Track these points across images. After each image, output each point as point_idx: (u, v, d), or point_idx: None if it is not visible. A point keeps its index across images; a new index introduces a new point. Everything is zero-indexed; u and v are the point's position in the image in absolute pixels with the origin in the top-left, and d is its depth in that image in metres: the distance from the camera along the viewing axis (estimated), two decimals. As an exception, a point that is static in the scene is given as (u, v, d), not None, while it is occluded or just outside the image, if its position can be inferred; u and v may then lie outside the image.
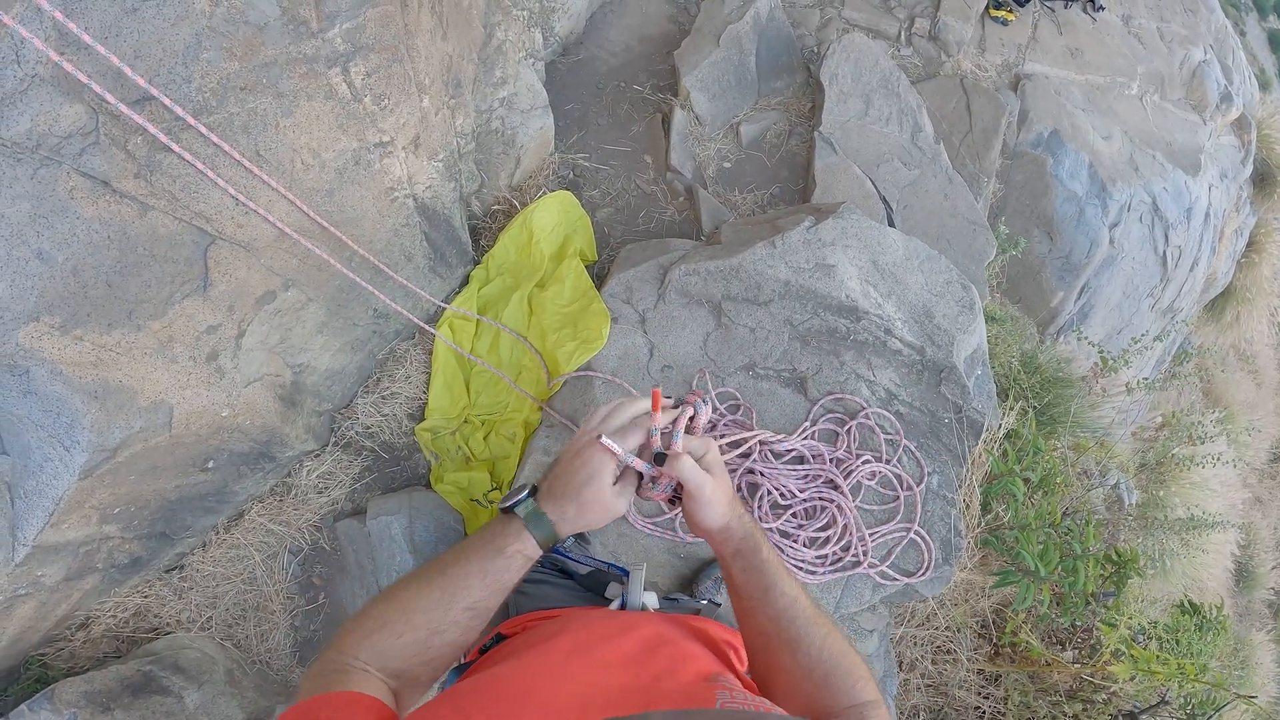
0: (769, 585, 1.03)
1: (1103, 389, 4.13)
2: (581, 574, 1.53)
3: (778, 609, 1.01)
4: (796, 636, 1.00)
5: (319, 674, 0.89)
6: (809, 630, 1.00)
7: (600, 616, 1.08)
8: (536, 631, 1.09)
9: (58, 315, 1.97)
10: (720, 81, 3.86)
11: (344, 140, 2.44)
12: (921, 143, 4.06)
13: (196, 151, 2.03)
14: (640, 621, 1.06)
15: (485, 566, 0.95)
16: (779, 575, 1.04)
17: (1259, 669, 4.47)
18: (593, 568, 1.54)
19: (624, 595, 1.29)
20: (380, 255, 2.80)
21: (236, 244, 2.31)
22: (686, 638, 1.05)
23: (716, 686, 0.85)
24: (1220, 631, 3.36)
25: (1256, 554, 5.97)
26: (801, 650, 0.99)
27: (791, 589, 1.03)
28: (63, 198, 1.88)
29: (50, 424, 2.09)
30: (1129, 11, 5.49)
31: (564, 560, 1.57)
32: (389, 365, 3.23)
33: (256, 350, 2.59)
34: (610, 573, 1.46)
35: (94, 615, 2.72)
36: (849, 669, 0.99)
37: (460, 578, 0.94)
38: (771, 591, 1.02)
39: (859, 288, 3.11)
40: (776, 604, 1.02)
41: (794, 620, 1.00)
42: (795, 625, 1.00)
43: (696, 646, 1.02)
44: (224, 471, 2.74)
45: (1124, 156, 4.82)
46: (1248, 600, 5.98)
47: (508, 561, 0.97)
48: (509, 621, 1.29)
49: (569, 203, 3.56)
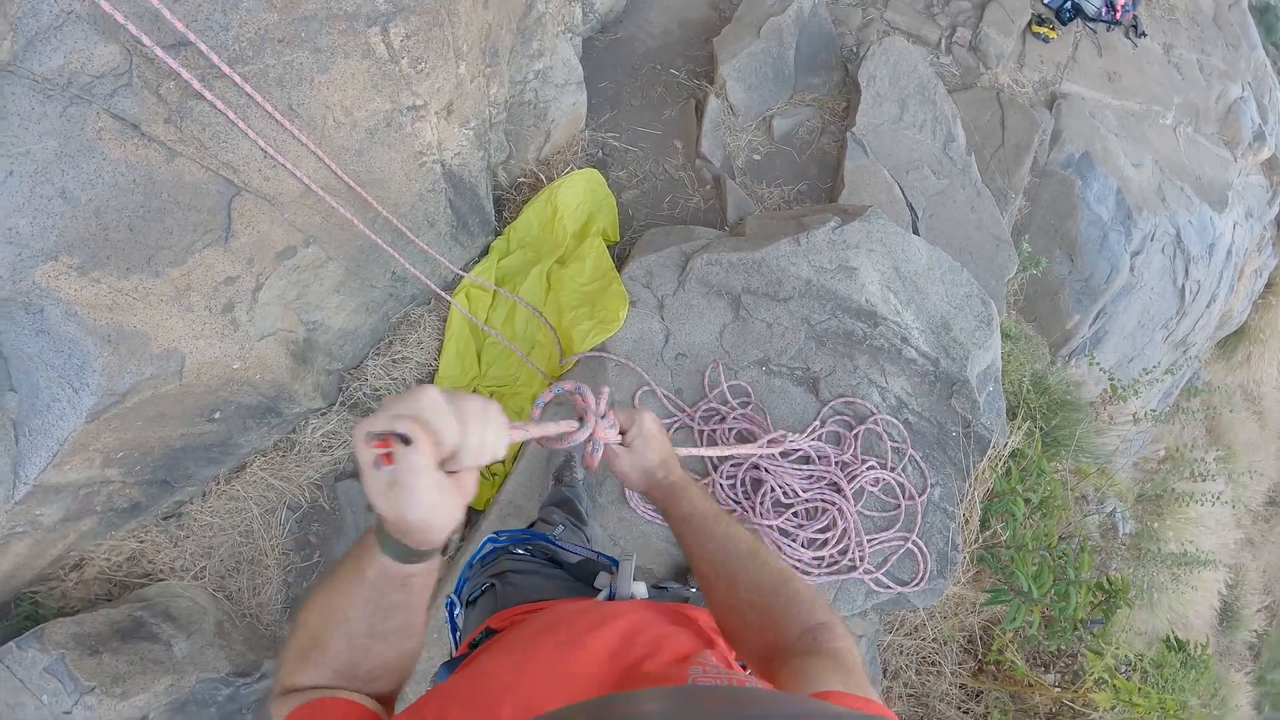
0: (698, 531, 1.09)
1: (1110, 416, 4.12)
2: (571, 563, 1.52)
3: (709, 549, 1.06)
4: (731, 571, 1.03)
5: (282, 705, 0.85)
6: (741, 563, 1.03)
7: (583, 609, 1.05)
8: (522, 627, 1.07)
9: (77, 256, 1.95)
10: (757, 73, 3.83)
11: (377, 101, 2.42)
12: (953, 153, 4.03)
13: (229, 101, 2.01)
14: (623, 611, 1.04)
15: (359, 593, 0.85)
16: (706, 522, 1.09)
17: (1236, 711, 4.48)
18: (583, 557, 1.53)
19: (613, 585, 1.28)
20: (404, 219, 2.78)
21: (261, 197, 2.29)
22: (669, 624, 1.03)
23: (691, 664, 0.84)
24: (1203, 671, 3.37)
25: (1243, 595, 5.98)
26: (739, 583, 1.01)
27: (720, 529, 1.08)
28: (90, 138, 1.86)
29: (61, 364, 2.07)
30: (1171, 40, 5.44)
31: (554, 549, 1.56)
32: (402, 329, 3.22)
33: (273, 305, 2.58)
34: (600, 562, 1.45)
35: (88, 556, 2.72)
36: (790, 597, 0.98)
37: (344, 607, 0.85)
38: (701, 536, 1.08)
39: (879, 293, 3.09)
40: (707, 546, 1.07)
41: (726, 556, 1.04)
42: (728, 561, 1.04)
43: (679, 632, 1.00)
44: (230, 423, 2.73)
45: (1152, 185, 4.78)
46: (1229, 640, 6.00)
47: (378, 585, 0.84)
48: (497, 615, 1.27)
49: (595, 181, 3.54)
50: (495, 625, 1.22)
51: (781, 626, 0.96)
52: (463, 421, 0.76)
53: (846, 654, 0.90)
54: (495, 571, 1.48)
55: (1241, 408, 6.18)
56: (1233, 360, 5.97)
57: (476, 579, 1.53)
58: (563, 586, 1.42)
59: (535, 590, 1.38)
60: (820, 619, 0.95)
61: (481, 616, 1.36)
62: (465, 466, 0.78)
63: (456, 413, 0.76)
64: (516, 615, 1.23)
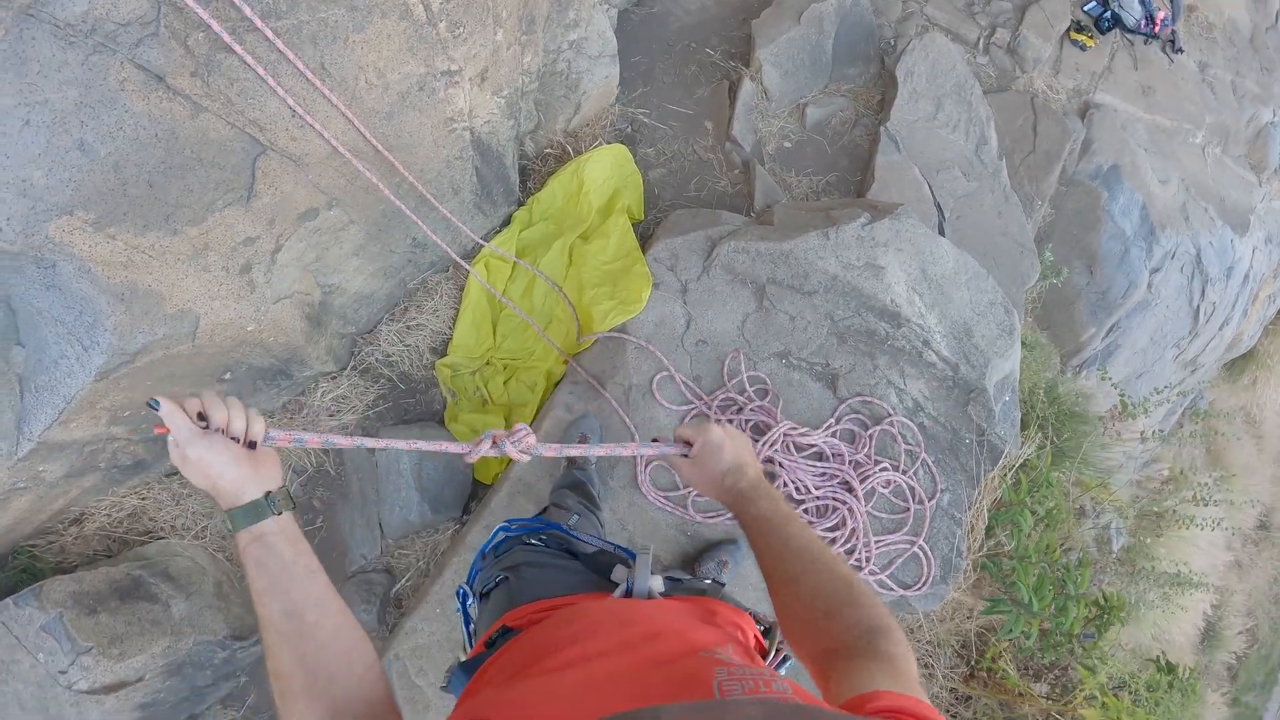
0: (765, 533, 1.12)
1: (1118, 432, 4.10)
2: (587, 553, 1.49)
3: (774, 549, 1.09)
4: (796, 572, 1.05)
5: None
6: (804, 566, 1.05)
7: (605, 616, 1.03)
8: (543, 632, 1.06)
9: (93, 211, 1.88)
10: (795, 59, 3.75)
11: (411, 64, 2.35)
12: (985, 156, 3.97)
13: (259, 56, 1.94)
14: (648, 614, 1.04)
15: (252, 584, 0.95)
16: (775, 525, 1.12)
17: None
18: (598, 548, 1.50)
19: (630, 580, 1.24)
20: (429, 185, 2.72)
21: (287, 157, 2.22)
22: (691, 620, 1.04)
23: (715, 662, 0.83)
24: (1190, 695, 3.39)
25: (1225, 616, 6.04)
26: (802, 585, 1.03)
27: (788, 531, 1.10)
28: (113, 88, 1.78)
29: (71, 321, 2.00)
30: (1206, 59, 5.37)
31: (569, 539, 1.53)
32: (418, 296, 3.16)
33: (290, 267, 2.52)
34: (616, 554, 1.42)
35: (89, 512, 2.67)
36: (851, 599, 0.99)
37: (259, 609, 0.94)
38: (768, 538, 1.11)
39: (905, 294, 3.05)
40: (772, 547, 1.10)
41: (792, 558, 1.07)
42: (793, 562, 1.06)
43: (701, 628, 1.01)
44: (240, 384, 2.68)
45: (1177, 204, 4.74)
46: (1209, 660, 6.06)
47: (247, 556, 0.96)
48: (513, 612, 1.23)
49: (623, 157, 3.47)
50: (512, 623, 1.18)
51: (840, 629, 0.97)
52: (215, 403, 1.01)
53: (901, 660, 0.91)
54: (509, 564, 1.44)
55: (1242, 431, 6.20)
56: (1238, 383, 5.98)
57: (489, 570, 1.50)
58: (579, 580, 1.38)
59: (551, 584, 1.34)
60: (879, 623, 0.96)
61: (496, 612, 1.33)
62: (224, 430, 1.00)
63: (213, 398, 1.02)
64: (534, 613, 1.20)
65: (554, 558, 1.49)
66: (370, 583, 2.87)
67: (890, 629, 0.95)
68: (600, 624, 0.99)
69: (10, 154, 1.71)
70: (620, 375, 2.84)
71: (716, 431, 1.23)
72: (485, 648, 1.16)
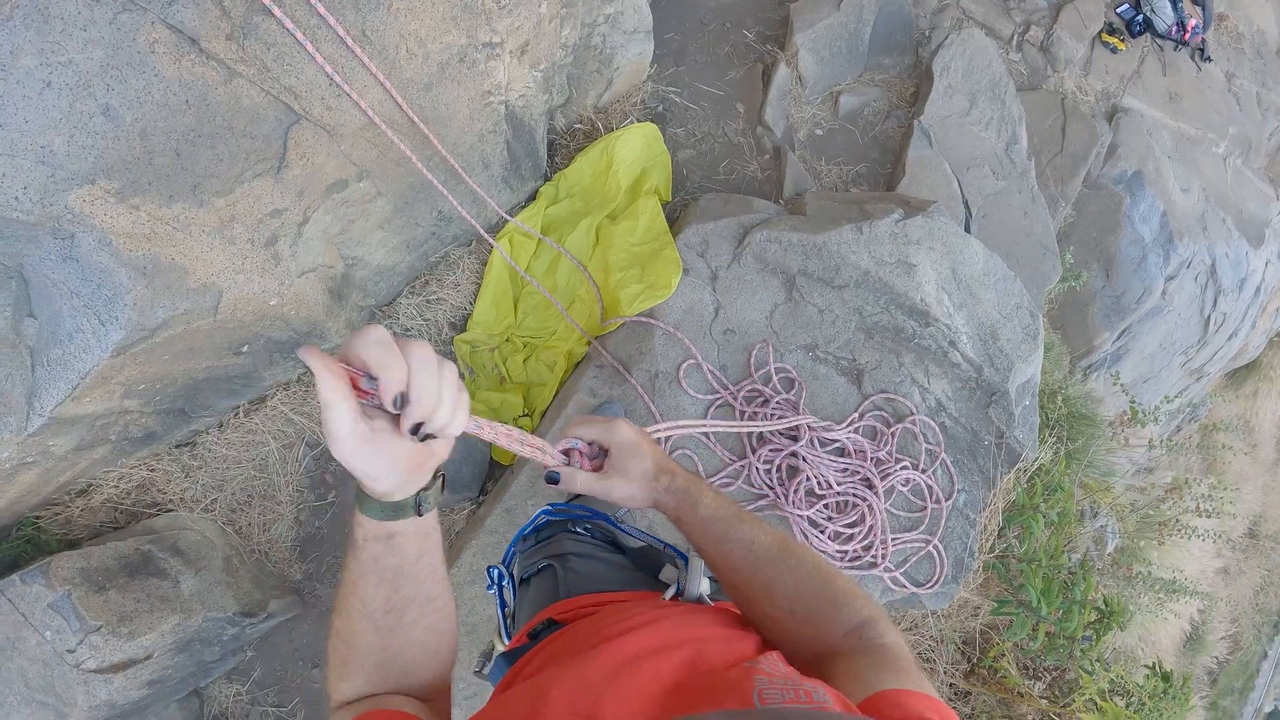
0: (718, 539, 1.00)
1: (1126, 439, 4.12)
2: (633, 547, 1.45)
3: (735, 558, 0.98)
4: (766, 580, 0.96)
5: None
6: (773, 570, 0.96)
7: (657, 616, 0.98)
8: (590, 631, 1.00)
9: (116, 180, 1.78)
10: (831, 46, 3.68)
11: (454, 34, 2.28)
12: (1015, 155, 3.93)
13: (299, 20, 1.85)
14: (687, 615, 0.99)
15: (362, 567, 0.84)
16: (726, 526, 1.00)
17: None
18: (645, 543, 1.46)
19: (680, 582, 1.19)
20: (460, 158, 2.66)
21: (321, 127, 2.15)
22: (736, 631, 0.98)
23: (756, 671, 0.79)
24: (1183, 703, 3.44)
25: (1210, 621, 6.15)
26: (776, 592, 0.95)
27: (743, 534, 0.99)
28: (142, 50, 1.67)
29: (88, 294, 1.92)
30: (1234, 69, 5.34)
31: (615, 532, 1.49)
32: (439, 269, 3.10)
33: (316, 239, 2.45)
34: (666, 553, 1.37)
35: (96, 483, 2.61)
36: (832, 598, 0.94)
37: (354, 589, 0.84)
38: (723, 544, 0.99)
39: (934, 293, 3.03)
40: (732, 554, 0.99)
41: (755, 564, 0.97)
42: (758, 569, 0.97)
43: (745, 639, 0.95)
44: (256, 357, 2.62)
45: (1196, 213, 4.73)
46: (1190, 663, 6.18)
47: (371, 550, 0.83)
48: (559, 605, 1.20)
49: (653, 136, 3.40)
50: (559, 617, 1.15)
51: (826, 629, 0.92)
52: (412, 367, 0.69)
53: (895, 648, 0.88)
54: (554, 552, 1.41)
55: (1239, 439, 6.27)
56: (1240, 392, 6.03)
57: (531, 555, 1.47)
58: (628, 577, 1.35)
59: (600, 579, 1.31)
60: (865, 614, 0.92)
61: (540, 601, 1.30)
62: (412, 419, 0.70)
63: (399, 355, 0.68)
64: (581, 609, 1.17)
65: (600, 549, 1.46)
66: (384, 561, 2.83)
67: (877, 618, 0.92)
68: (651, 624, 0.95)
69: (30, 118, 1.61)
70: (647, 361, 2.81)
71: (624, 428, 1.05)
72: (528, 639, 1.13)
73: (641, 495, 1.05)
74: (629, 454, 1.03)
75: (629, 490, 1.04)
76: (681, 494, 1.03)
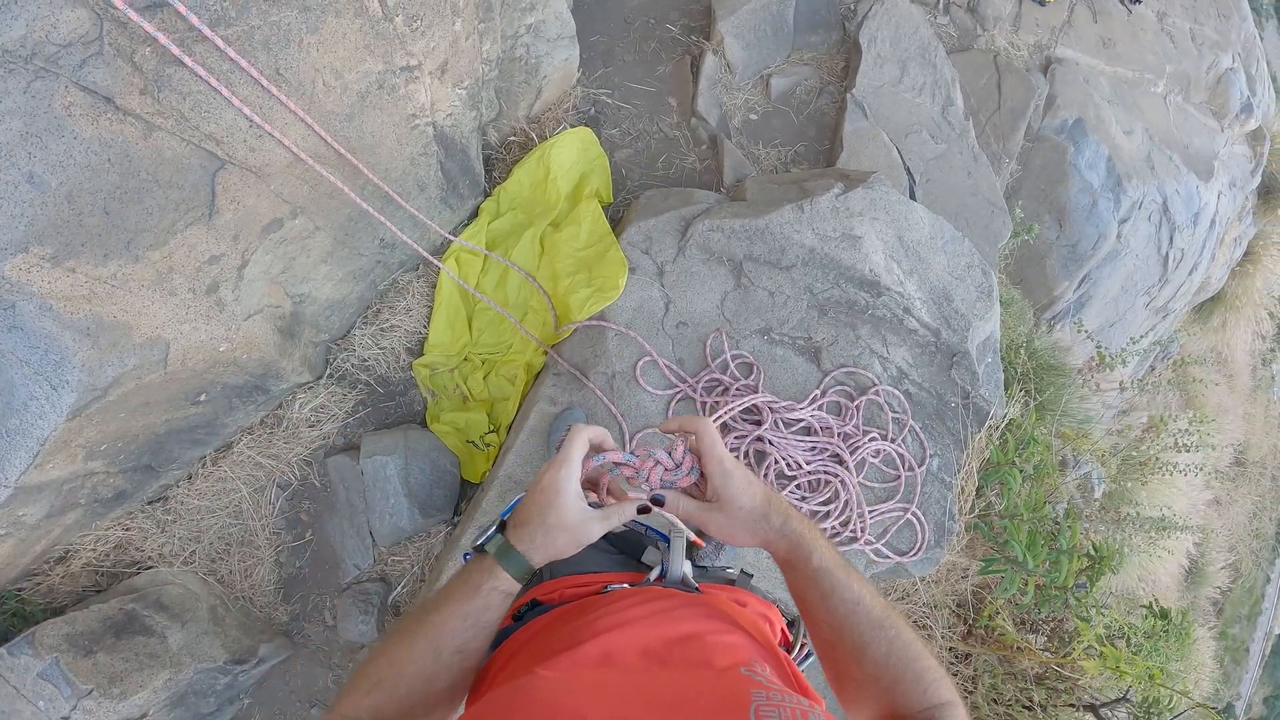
0: (826, 593, 0.98)
1: (1096, 384, 4.15)
2: (617, 531, 1.46)
3: (838, 615, 0.97)
4: (860, 643, 0.95)
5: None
6: (873, 635, 0.95)
7: (640, 608, 1.00)
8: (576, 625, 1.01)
9: (49, 245, 1.80)
10: (756, 30, 3.69)
11: (369, 62, 2.28)
12: (951, 117, 3.96)
13: (211, 67, 1.86)
14: (684, 609, 1.01)
15: (465, 609, 0.94)
16: (836, 581, 0.98)
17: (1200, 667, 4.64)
18: (627, 527, 1.47)
19: (664, 564, 1.22)
20: (394, 184, 2.66)
21: (247, 169, 2.15)
22: (723, 625, 1.00)
23: (752, 682, 0.81)
24: (1184, 637, 3.46)
25: (1208, 553, 6.19)
26: (867, 657, 0.95)
27: (852, 593, 0.97)
28: (59, 115, 1.69)
29: (37, 361, 1.93)
30: (1164, 9, 5.39)
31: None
32: (390, 296, 3.09)
33: (259, 281, 2.45)
34: (647, 535, 1.39)
35: (73, 549, 2.60)
36: (919, 673, 0.94)
37: (443, 623, 0.93)
38: (829, 599, 0.97)
39: (883, 262, 3.04)
40: (836, 611, 0.97)
41: (856, 626, 0.96)
42: (857, 631, 0.96)
43: (733, 634, 0.98)
44: (215, 404, 2.61)
45: (1142, 154, 4.77)
46: (1194, 596, 6.22)
47: (485, 600, 0.95)
48: (543, 586, 1.22)
49: (588, 140, 3.40)
50: (543, 598, 1.17)
51: (904, 702, 0.94)
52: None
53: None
54: None
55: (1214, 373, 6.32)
56: (1208, 325, 6.09)
57: None
58: (612, 560, 1.36)
59: (583, 560, 1.31)
60: (943, 699, 0.93)
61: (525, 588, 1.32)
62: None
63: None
64: (566, 588, 1.19)
65: None
66: (366, 593, 2.82)
67: (954, 704, 0.93)
68: (636, 620, 0.97)
69: (-46, 197, 1.61)
70: (602, 363, 2.80)
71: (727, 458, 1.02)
72: (513, 620, 1.15)
73: (746, 535, 1.02)
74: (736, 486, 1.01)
75: (732, 529, 1.02)
76: (795, 539, 1.00)
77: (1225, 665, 5.85)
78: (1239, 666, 7.55)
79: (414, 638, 0.93)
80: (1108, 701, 3.33)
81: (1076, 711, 3.35)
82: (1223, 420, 6.17)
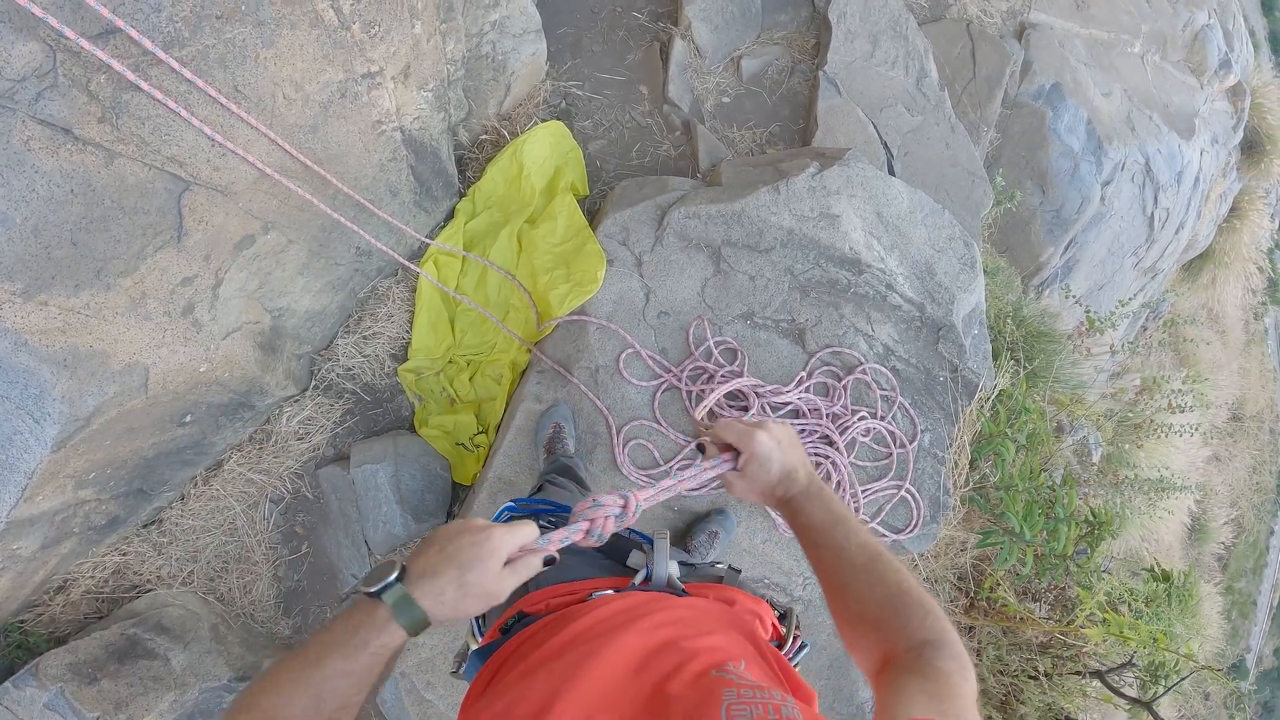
0: (815, 542, 1.08)
1: (1087, 348, 4.13)
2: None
3: (826, 562, 1.06)
4: (843, 583, 1.02)
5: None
6: (853, 577, 1.02)
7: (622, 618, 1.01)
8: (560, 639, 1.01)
9: (19, 281, 1.79)
10: (724, 12, 3.66)
11: (329, 72, 2.25)
12: (926, 89, 3.93)
13: (168, 89, 1.84)
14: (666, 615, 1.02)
15: (349, 667, 0.86)
16: (823, 532, 1.08)
17: (1207, 623, 4.64)
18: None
19: (648, 567, 1.22)
20: (365, 192, 2.63)
21: (213, 188, 2.13)
22: (703, 627, 1.01)
23: (724, 683, 0.81)
24: (1187, 599, 3.46)
25: (1210, 509, 6.19)
26: (850, 596, 1.01)
27: (838, 539, 1.06)
28: (18, 150, 1.68)
29: (17, 396, 1.93)
30: (1137, -36, 5.35)
31: None
32: (370, 304, 3.07)
33: (234, 299, 2.44)
34: (631, 539, 1.39)
35: (72, 578, 2.61)
36: (900, 608, 0.96)
37: (323, 681, 0.85)
38: (818, 548, 1.08)
39: (862, 240, 3.02)
40: (823, 559, 1.07)
41: (839, 569, 1.04)
42: (840, 574, 1.03)
43: (712, 635, 0.98)
44: (202, 424, 2.60)
45: (1121, 115, 4.74)
46: (1198, 553, 6.22)
47: (373, 659, 0.87)
48: (530, 596, 1.21)
49: (561, 134, 3.38)
50: (529, 609, 1.17)
51: (892, 639, 0.95)
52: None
53: (954, 675, 0.87)
54: None
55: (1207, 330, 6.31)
56: (1198, 283, 6.07)
57: None
58: (598, 566, 1.36)
59: (568, 568, 1.31)
60: (931, 635, 0.93)
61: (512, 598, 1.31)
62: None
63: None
64: (551, 598, 1.18)
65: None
66: (363, 603, 2.82)
67: (945, 642, 0.92)
68: (617, 630, 0.97)
69: (-81, 238, 1.61)
70: (585, 358, 2.79)
71: (764, 441, 1.13)
72: (500, 633, 1.15)
73: (758, 498, 1.17)
74: (759, 465, 1.13)
75: (747, 492, 1.17)
76: (789, 502, 1.14)
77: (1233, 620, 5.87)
78: (1247, 620, 7.58)
79: (291, 694, 0.85)
80: (1114, 667, 3.33)
81: (1083, 679, 3.35)
82: (1217, 377, 6.15)
